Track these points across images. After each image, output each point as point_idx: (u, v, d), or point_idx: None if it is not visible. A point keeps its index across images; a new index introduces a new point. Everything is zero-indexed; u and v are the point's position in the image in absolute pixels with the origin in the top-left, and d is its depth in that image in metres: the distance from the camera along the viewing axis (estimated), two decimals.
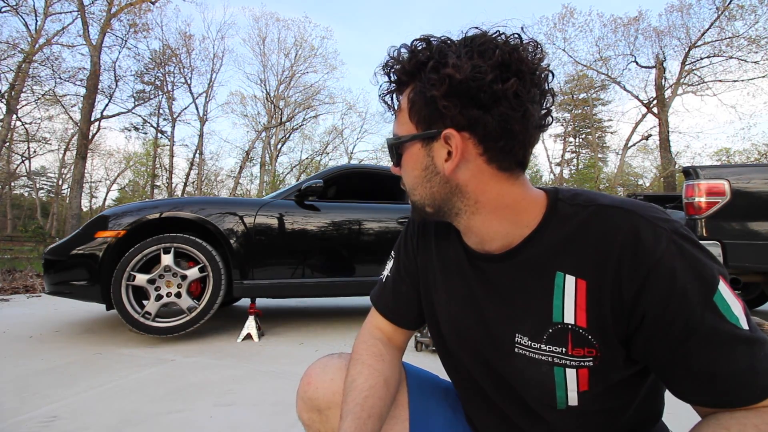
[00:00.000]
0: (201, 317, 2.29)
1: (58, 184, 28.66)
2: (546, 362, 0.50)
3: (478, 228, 0.54)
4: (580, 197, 0.52)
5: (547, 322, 0.49)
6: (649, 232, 0.44)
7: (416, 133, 0.53)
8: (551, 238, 0.51)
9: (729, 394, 0.43)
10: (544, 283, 0.50)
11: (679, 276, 0.42)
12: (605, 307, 0.46)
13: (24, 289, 4.37)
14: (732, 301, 0.43)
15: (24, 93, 15.18)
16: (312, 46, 25.03)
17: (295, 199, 2.71)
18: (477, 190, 0.52)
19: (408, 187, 0.58)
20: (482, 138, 0.49)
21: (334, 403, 0.64)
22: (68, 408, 1.39)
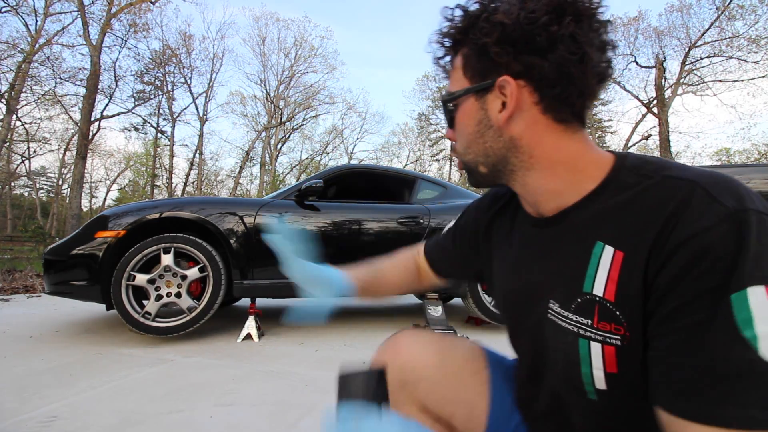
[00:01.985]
0: (201, 317, 2.29)
1: (58, 184, 28.67)
2: (572, 332, 0.48)
3: (533, 187, 0.52)
4: (649, 167, 0.47)
5: (577, 291, 0.48)
6: (701, 206, 0.39)
7: (470, 86, 0.52)
8: (602, 206, 0.47)
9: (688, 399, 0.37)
10: (583, 251, 0.48)
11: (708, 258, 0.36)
12: (635, 281, 0.42)
13: (24, 289, 4.37)
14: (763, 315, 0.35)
15: (24, 93, 15.19)
16: (312, 46, 25.05)
17: (295, 199, 2.71)
18: (531, 143, 0.50)
19: (461, 149, 0.56)
20: (538, 85, 0.47)
21: (424, 377, 0.65)
22: (68, 408, 1.39)
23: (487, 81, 0.50)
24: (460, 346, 0.70)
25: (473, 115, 0.53)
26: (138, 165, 26.55)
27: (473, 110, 0.52)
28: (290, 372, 1.81)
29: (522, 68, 0.47)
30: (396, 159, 30.80)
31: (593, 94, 0.49)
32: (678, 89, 18.27)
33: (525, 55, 0.46)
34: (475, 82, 0.51)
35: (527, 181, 0.52)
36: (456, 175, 29.95)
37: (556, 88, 0.47)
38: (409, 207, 2.96)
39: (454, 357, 0.68)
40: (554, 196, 0.52)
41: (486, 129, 0.52)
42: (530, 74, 0.47)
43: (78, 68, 15.76)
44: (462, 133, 0.55)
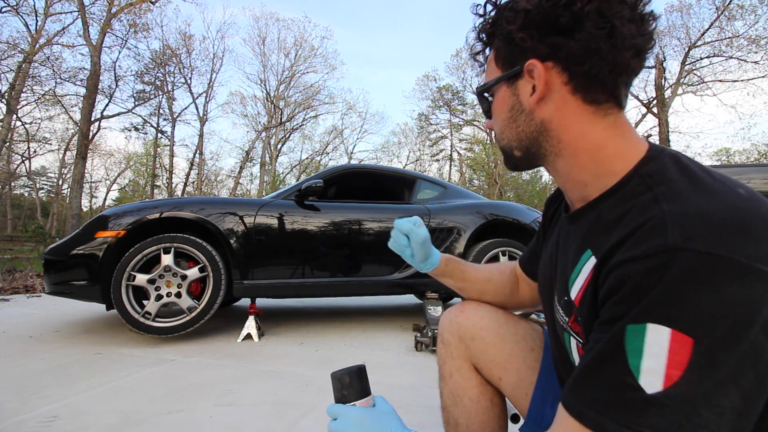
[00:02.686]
0: (201, 317, 2.29)
1: (58, 184, 28.67)
2: (560, 324, 0.55)
3: (562, 174, 0.53)
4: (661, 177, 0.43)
5: (565, 291, 0.52)
6: (647, 235, 0.38)
7: (501, 75, 0.54)
8: (604, 212, 0.47)
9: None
10: (576, 255, 0.51)
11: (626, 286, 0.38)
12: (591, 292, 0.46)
13: (24, 289, 4.37)
14: (653, 353, 0.35)
15: (24, 93, 15.19)
16: (312, 46, 25.07)
17: (295, 199, 2.71)
18: (560, 127, 0.50)
19: (497, 135, 0.58)
20: (566, 64, 0.47)
21: (479, 337, 0.73)
22: (68, 408, 1.39)
23: (516, 67, 0.51)
24: (521, 323, 0.77)
25: (506, 102, 0.54)
26: (138, 165, 26.55)
27: (506, 97, 0.54)
28: (290, 372, 1.81)
29: (548, 50, 0.48)
30: (396, 159, 30.82)
31: (629, 69, 0.47)
32: (678, 89, 18.26)
33: (550, 36, 0.47)
34: (505, 70, 0.53)
35: (557, 167, 0.53)
36: (456, 175, 29.96)
37: (584, 65, 0.46)
38: (409, 207, 2.96)
39: (512, 329, 0.75)
40: (579, 187, 0.52)
41: (518, 114, 0.53)
42: (556, 55, 0.47)
43: (78, 68, 15.75)
44: (498, 120, 0.57)
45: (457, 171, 30.23)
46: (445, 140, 29.96)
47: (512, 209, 3.08)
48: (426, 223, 2.87)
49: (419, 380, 1.72)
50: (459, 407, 0.73)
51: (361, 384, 0.58)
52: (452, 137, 29.46)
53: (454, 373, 0.75)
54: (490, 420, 0.72)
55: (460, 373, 0.74)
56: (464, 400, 0.73)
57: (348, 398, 0.57)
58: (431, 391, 0.83)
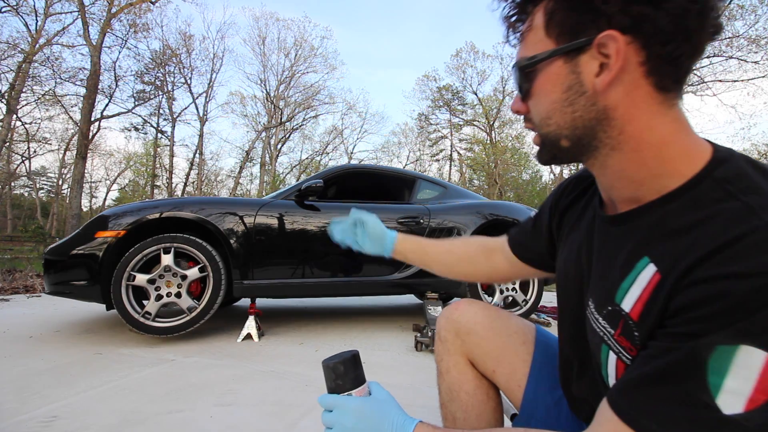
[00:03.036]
0: (201, 317, 2.29)
1: (58, 184, 28.67)
2: (598, 335, 0.48)
3: (613, 170, 0.46)
4: (741, 183, 0.39)
5: (610, 299, 0.46)
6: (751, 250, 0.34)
7: (557, 47, 0.44)
8: (669, 217, 0.42)
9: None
10: (629, 261, 0.44)
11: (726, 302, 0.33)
12: (659, 305, 0.39)
13: (24, 289, 4.37)
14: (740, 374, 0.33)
15: (24, 93, 15.20)
16: (312, 46, 25.09)
17: (295, 199, 2.71)
18: (625, 116, 0.43)
19: (540, 119, 0.48)
20: (648, 41, 0.40)
21: (473, 331, 0.74)
22: (68, 408, 1.39)
23: (581, 39, 0.42)
24: (513, 319, 0.78)
25: (561, 81, 0.45)
26: (138, 165, 26.55)
27: (561, 75, 0.44)
28: (290, 372, 1.81)
29: (630, 22, 0.39)
30: (396, 159, 30.83)
31: (702, 54, 0.42)
32: None
33: (635, 5, 0.39)
34: (563, 41, 0.44)
35: (609, 162, 0.46)
36: (456, 175, 29.97)
37: (668, 45, 0.39)
38: (409, 207, 2.96)
39: (505, 323, 0.76)
40: (632, 187, 0.46)
41: (576, 96, 0.44)
42: (640, 29, 0.39)
43: (78, 68, 15.77)
44: (542, 101, 0.47)
45: (457, 171, 30.26)
46: (445, 140, 29.99)
47: (512, 209, 3.08)
48: (426, 222, 2.87)
49: (419, 380, 1.72)
50: (456, 402, 0.74)
51: (355, 372, 0.55)
52: (452, 137, 29.49)
53: (451, 369, 0.76)
54: (487, 412, 0.73)
55: (456, 368, 0.75)
56: (461, 394, 0.74)
57: (342, 387, 0.54)
58: (431, 391, 0.84)
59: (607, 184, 0.49)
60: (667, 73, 0.41)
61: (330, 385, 0.55)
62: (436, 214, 2.92)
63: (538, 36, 0.46)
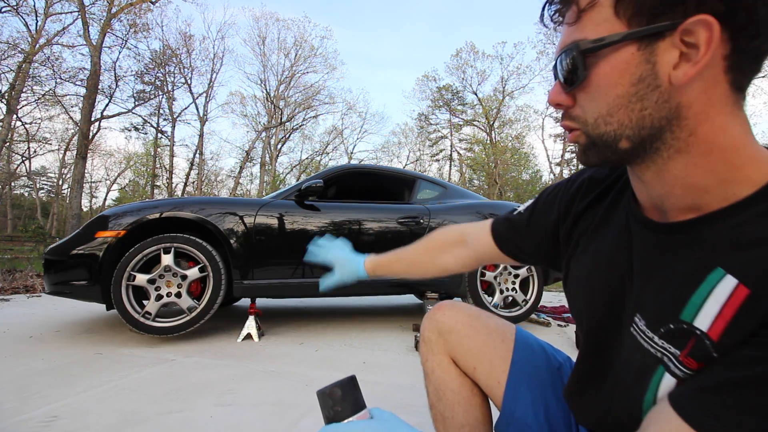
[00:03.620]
0: (201, 317, 2.29)
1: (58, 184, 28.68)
2: (652, 355, 0.42)
3: (673, 176, 0.40)
4: None
5: (672, 316, 0.40)
6: None
7: (631, 30, 0.37)
8: (743, 224, 0.37)
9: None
10: (697, 273, 0.39)
11: None
12: (750, 326, 0.35)
13: (24, 289, 4.37)
14: None
15: (24, 93, 15.22)
16: (312, 46, 25.09)
17: (295, 199, 2.71)
18: (700, 116, 0.38)
19: (596, 115, 0.42)
20: (738, 32, 0.35)
21: (455, 330, 0.75)
22: (68, 408, 1.39)
23: (663, 23, 0.36)
24: (494, 319, 0.79)
25: (631, 71, 0.38)
26: (138, 165, 26.57)
27: (632, 64, 0.38)
28: (290, 372, 1.81)
29: (725, 8, 0.34)
30: (396, 159, 30.85)
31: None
32: None
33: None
34: (639, 23, 0.37)
35: (670, 166, 0.40)
36: (456, 175, 29.97)
37: (757, 39, 0.35)
38: (409, 207, 2.96)
39: (485, 323, 0.77)
40: (694, 194, 0.40)
41: (649, 90, 0.38)
42: (733, 17, 0.34)
43: (78, 68, 15.79)
44: (605, 94, 0.40)
45: (457, 171, 30.26)
46: (445, 140, 30.00)
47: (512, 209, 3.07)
48: (426, 222, 2.87)
49: (419, 380, 1.72)
50: (443, 401, 0.75)
51: (354, 396, 0.51)
52: (452, 137, 29.51)
53: (436, 369, 0.77)
54: (473, 408, 0.74)
55: (441, 367, 0.76)
56: (446, 393, 0.75)
57: (341, 415, 0.49)
58: None
59: (661, 191, 0.43)
60: (747, 70, 0.37)
61: (327, 414, 0.50)
62: (436, 214, 2.93)
63: (603, 15, 0.39)
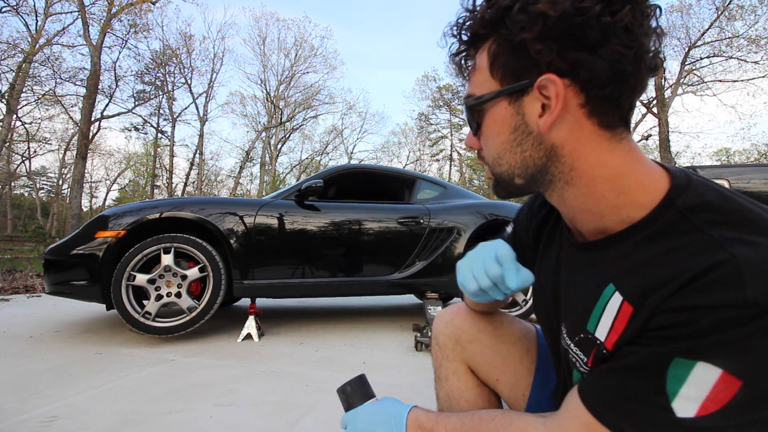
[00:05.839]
0: (201, 317, 2.29)
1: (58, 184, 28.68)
2: (571, 360, 0.50)
3: (571, 203, 0.47)
4: (705, 216, 0.40)
5: (581, 326, 0.48)
6: (721, 284, 0.35)
7: (501, 88, 0.45)
8: (632, 247, 0.43)
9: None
10: (596, 288, 0.46)
11: (692, 326, 0.36)
12: (634, 334, 0.41)
13: (24, 289, 4.37)
14: (695, 385, 0.36)
15: (24, 93, 15.19)
16: (312, 46, 25.08)
17: (295, 199, 2.71)
18: (573, 153, 0.44)
19: (492, 158, 0.50)
20: (586, 84, 0.41)
21: (476, 339, 0.71)
22: (68, 408, 1.39)
23: (523, 81, 0.44)
24: (516, 324, 0.75)
25: (507, 121, 0.46)
26: (138, 165, 26.55)
27: (507, 116, 0.46)
28: (290, 372, 1.81)
29: (568, 66, 0.41)
30: (396, 159, 30.84)
31: (643, 90, 0.43)
32: (678, 89, 18.25)
33: (572, 51, 0.40)
34: (507, 82, 0.45)
35: (565, 195, 0.47)
36: (456, 175, 29.97)
37: (606, 88, 0.41)
38: (409, 207, 2.96)
39: (509, 330, 0.73)
40: (593, 218, 0.47)
41: (524, 136, 0.45)
42: (577, 73, 0.41)
43: (78, 68, 15.77)
44: (493, 141, 0.49)
45: (457, 171, 30.25)
46: (445, 140, 29.98)
47: (512, 209, 3.08)
48: (426, 222, 2.87)
49: (419, 380, 1.72)
50: (455, 410, 0.73)
51: (363, 388, 0.62)
52: (452, 137, 29.48)
53: (450, 376, 0.74)
54: None
55: (456, 375, 0.73)
56: (461, 402, 0.72)
57: (354, 404, 0.61)
58: (431, 391, 0.82)
59: (569, 216, 0.50)
60: (609, 112, 0.43)
61: (345, 406, 0.62)
62: (436, 214, 2.92)
63: (482, 76, 0.47)
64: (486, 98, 0.47)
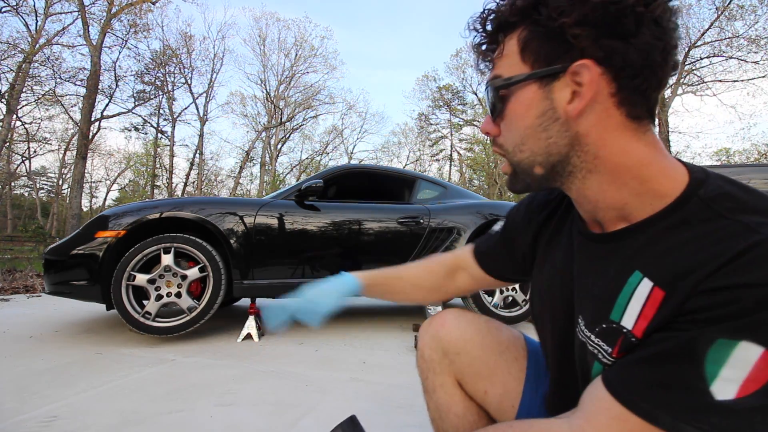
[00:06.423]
0: (201, 317, 2.29)
1: (58, 184, 28.68)
2: (591, 353, 0.47)
3: (592, 193, 0.47)
4: (726, 203, 0.41)
5: (604, 316, 0.46)
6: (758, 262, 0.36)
7: (532, 71, 0.45)
8: (659, 235, 0.43)
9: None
10: (620, 276, 0.45)
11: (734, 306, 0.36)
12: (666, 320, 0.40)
13: (24, 289, 4.37)
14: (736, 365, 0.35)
15: (24, 93, 15.19)
16: (312, 46, 25.09)
17: (295, 199, 2.71)
18: (598, 142, 0.44)
19: (513, 144, 0.49)
20: (618, 73, 0.42)
21: (464, 351, 0.69)
22: (68, 408, 1.39)
23: (556, 66, 0.44)
24: (504, 331, 0.73)
25: (535, 106, 0.46)
26: (138, 165, 26.57)
27: (536, 100, 0.46)
28: (290, 372, 1.81)
29: (603, 54, 0.42)
30: (396, 159, 30.84)
31: (666, 86, 0.45)
32: (678, 89, 18.26)
33: (607, 38, 0.41)
34: (538, 66, 0.45)
35: (587, 185, 0.47)
36: (456, 175, 29.97)
37: (637, 78, 0.42)
38: (409, 207, 2.96)
39: (497, 339, 0.71)
40: (616, 207, 0.47)
41: (550, 122, 0.45)
42: (611, 61, 0.42)
43: (78, 68, 15.79)
44: (516, 126, 0.48)
45: (457, 171, 30.27)
46: (445, 140, 30.00)
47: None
48: (426, 222, 2.87)
49: (419, 380, 1.72)
50: (446, 421, 0.72)
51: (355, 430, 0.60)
52: (452, 137, 29.51)
53: (437, 389, 0.73)
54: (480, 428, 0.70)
55: (443, 388, 0.72)
56: (450, 415, 0.71)
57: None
58: None
59: (589, 207, 0.49)
60: (637, 103, 0.43)
61: None
62: (436, 214, 2.93)
63: (512, 60, 0.47)
64: (516, 80, 0.46)
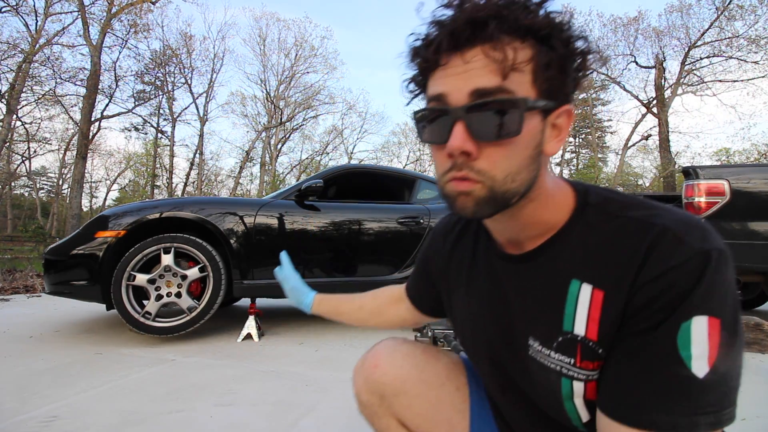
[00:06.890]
0: (201, 317, 2.29)
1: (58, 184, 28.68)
2: (555, 371, 0.47)
3: (527, 218, 0.49)
4: (612, 205, 0.47)
5: (557, 330, 0.47)
6: (670, 247, 0.40)
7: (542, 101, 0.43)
8: (575, 244, 0.47)
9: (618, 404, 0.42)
10: (559, 289, 0.47)
11: (673, 291, 0.39)
12: (615, 318, 0.43)
13: (24, 289, 4.37)
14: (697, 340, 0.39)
15: (24, 93, 15.18)
16: (312, 46, 25.02)
17: (295, 199, 2.71)
18: (543, 173, 0.47)
19: (503, 173, 0.43)
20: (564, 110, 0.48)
21: (402, 391, 0.65)
22: (68, 408, 1.39)
23: (551, 102, 0.44)
24: (441, 360, 0.70)
25: (535, 137, 0.44)
26: (138, 165, 26.54)
27: (536, 131, 0.44)
28: (290, 372, 1.81)
29: (567, 98, 0.46)
30: (396, 159, 30.81)
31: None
32: (678, 89, 18.25)
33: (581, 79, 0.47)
34: (541, 97, 0.43)
35: (524, 212, 0.48)
36: None
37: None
38: (409, 207, 2.96)
39: (435, 371, 0.67)
40: (539, 227, 0.50)
41: (537, 155, 0.45)
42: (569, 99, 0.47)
43: (78, 68, 15.76)
44: (518, 154, 0.43)
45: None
46: None
47: None
48: (426, 222, 2.87)
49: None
50: None
51: None
52: None
53: (385, 431, 0.69)
54: None
55: (390, 430, 0.68)
56: None
57: None
58: None
59: (516, 228, 0.51)
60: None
61: None
62: (436, 214, 2.93)
63: (524, 80, 0.42)
64: (538, 106, 0.42)
